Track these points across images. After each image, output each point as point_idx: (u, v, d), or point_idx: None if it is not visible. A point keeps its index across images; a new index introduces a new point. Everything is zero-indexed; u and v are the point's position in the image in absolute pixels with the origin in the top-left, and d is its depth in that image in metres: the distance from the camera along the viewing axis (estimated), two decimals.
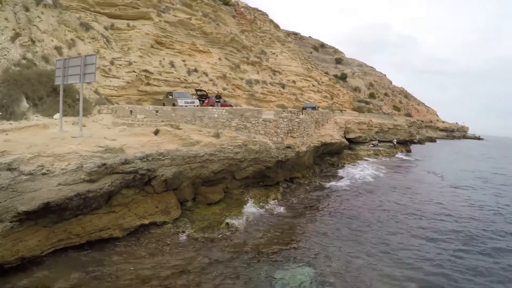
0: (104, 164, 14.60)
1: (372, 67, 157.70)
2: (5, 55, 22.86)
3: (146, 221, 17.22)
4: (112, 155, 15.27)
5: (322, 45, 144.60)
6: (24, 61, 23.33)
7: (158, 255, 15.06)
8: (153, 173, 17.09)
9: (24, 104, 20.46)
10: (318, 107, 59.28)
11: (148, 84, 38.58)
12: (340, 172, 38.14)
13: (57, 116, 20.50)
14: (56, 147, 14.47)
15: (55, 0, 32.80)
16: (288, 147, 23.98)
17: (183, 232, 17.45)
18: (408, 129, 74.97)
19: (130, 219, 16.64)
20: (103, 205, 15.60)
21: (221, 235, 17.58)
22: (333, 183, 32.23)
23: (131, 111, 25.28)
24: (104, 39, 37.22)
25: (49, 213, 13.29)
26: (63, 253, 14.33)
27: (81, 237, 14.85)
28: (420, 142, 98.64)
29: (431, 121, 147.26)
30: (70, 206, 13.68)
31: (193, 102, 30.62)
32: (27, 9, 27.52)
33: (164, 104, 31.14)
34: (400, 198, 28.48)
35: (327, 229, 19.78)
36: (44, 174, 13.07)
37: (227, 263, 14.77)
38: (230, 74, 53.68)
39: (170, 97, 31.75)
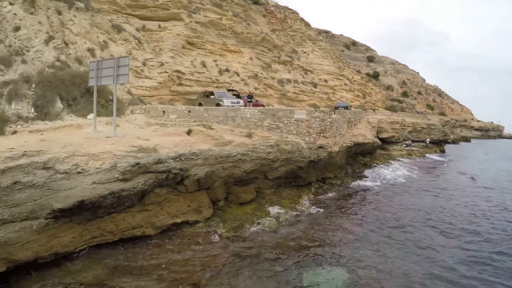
0: (138, 164, 14.65)
1: (404, 65, 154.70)
2: (40, 57, 23.29)
3: (179, 220, 17.32)
4: (146, 154, 15.30)
5: (354, 43, 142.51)
6: (58, 63, 23.77)
7: (189, 253, 15.09)
8: (186, 173, 17.07)
9: (59, 104, 20.82)
10: (351, 106, 58.44)
11: (180, 84, 38.64)
12: (373, 173, 37.40)
13: (90, 116, 20.75)
14: (91, 147, 14.62)
15: (87, 3, 33.37)
16: (321, 147, 23.60)
17: (215, 231, 17.43)
18: (442, 129, 73.08)
19: (163, 217, 16.75)
20: (136, 204, 15.72)
21: (252, 235, 17.49)
22: (365, 183, 31.76)
23: (163, 111, 25.37)
24: (136, 41, 37.56)
25: (83, 210, 13.48)
26: (96, 249, 14.54)
27: (114, 235, 15.06)
28: (455, 142, 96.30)
29: (465, 120, 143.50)
30: (104, 204, 13.85)
31: (238, 103, 29.82)
32: (59, 13, 28.03)
33: (201, 104, 30.41)
34: (433, 200, 27.66)
35: (359, 230, 19.41)
36: (79, 173, 13.20)
37: (258, 263, 14.69)
38: (261, 73, 53.34)
39: (212, 97, 30.69)
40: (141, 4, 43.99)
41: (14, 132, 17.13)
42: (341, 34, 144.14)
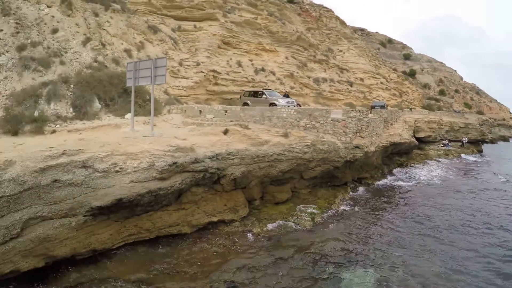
0: (175, 163, 14.61)
1: (441, 63, 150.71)
2: (77, 58, 23.61)
3: (215, 219, 17.23)
4: (183, 154, 15.23)
5: (390, 41, 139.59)
6: (95, 64, 24.07)
7: (224, 252, 15.05)
8: (222, 172, 16.99)
9: (96, 104, 21.04)
10: (387, 105, 57.23)
11: (216, 84, 38.51)
12: (409, 173, 36.36)
13: (128, 116, 20.84)
14: (129, 146, 14.65)
15: (123, 5, 33.84)
16: (357, 147, 23.07)
17: (250, 230, 17.29)
18: (479, 128, 70.57)
19: (199, 216, 16.67)
20: (173, 202, 15.73)
21: (287, 234, 17.30)
22: (401, 184, 30.87)
23: (200, 111, 25.24)
24: (172, 41, 37.68)
25: (121, 208, 13.53)
26: (133, 247, 14.59)
27: (150, 232, 15.06)
28: (493, 141, 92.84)
29: (504, 119, 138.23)
30: (141, 202, 13.89)
31: (292, 103, 28.60)
32: (96, 15, 28.41)
33: (246, 104, 29.31)
34: (470, 202, 26.53)
35: (394, 232, 18.87)
36: (117, 171, 13.25)
37: (292, 263, 14.56)
38: (297, 72, 52.76)
39: (264, 96, 28.86)
40: (176, 5, 44.28)
41: (53, 132, 17.39)
42: (376, 32, 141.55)
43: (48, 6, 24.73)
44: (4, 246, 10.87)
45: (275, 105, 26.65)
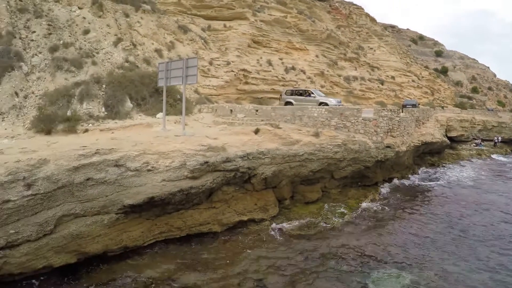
0: (207, 162, 14.61)
1: (474, 59, 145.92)
2: (109, 59, 23.78)
3: (245, 218, 17.19)
4: (214, 153, 15.22)
5: (421, 38, 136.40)
6: (126, 64, 24.22)
7: (254, 250, 15.03)
8: (253, 171, 16.96)
9: (128, 104, 21.15)
10: (419, 104, 55.91)
11: (246, 83, 38.20)
12: (440, 173, 35.33)
13: (160, 115, 20.90)
14: (161, 145, 14.67)
15: (153, 5, 33.99)
16: (388, 146, 22.63)
17: (280, 229, 17.20)
18: None
19: (230, 215, 16.66)
20: (204, 201, 15.72)
21: (317, 234, 17.13)
22: (432, 184, 30.00)
23: (231, 110, 25.19)
24: (202, 40, 37.60)
25: (152, 207, 13.61)
26: (164, 244, 14.68)
27: (181, 230, 15.12)
28: None
29: None
30: (173, 201, 13.96)
31: (340, 102, 28.33)
32: (127, 16, 28.59)
33: (289, 103, 28.86)
34: (503, 204, 25.35)
35: (425, 234, 18.32)
36: (149, 170, 13.32)
37: (322, 262, 14.44)
38: (327, 71, 51.91)
39: (313, 95, 28.31)
40: (206, 5, 44.17)
41: (86, 131, 17.56)
42: (407, 29, 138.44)
43: (79, 8, 25.06)
44: (37, 242, 11.04)
45: (327, 104, 26.29)
